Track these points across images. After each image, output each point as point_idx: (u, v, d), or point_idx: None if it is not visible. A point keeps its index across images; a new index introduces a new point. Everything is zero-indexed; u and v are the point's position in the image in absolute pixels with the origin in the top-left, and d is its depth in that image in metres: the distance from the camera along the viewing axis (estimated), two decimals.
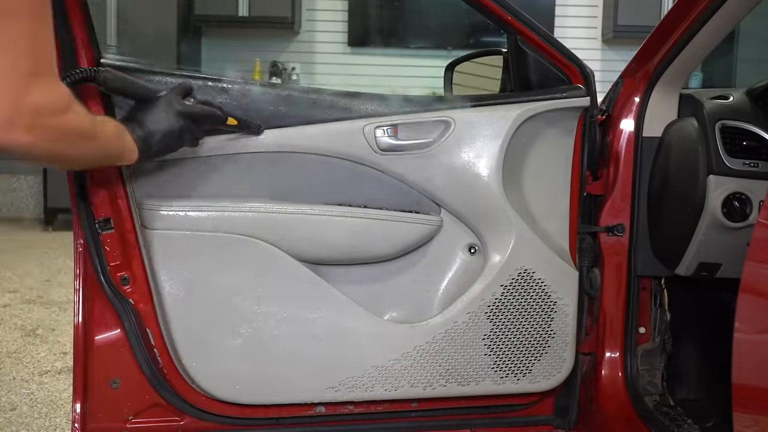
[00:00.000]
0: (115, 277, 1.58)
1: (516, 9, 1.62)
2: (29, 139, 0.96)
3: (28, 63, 0.93)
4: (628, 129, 1.75)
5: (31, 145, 0.97)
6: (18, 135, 0.95)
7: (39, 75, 0.95)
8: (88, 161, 1.23)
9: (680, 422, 1.67)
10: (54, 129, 1.01)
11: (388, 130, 1.59)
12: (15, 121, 0.94)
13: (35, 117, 0.96)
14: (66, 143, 1.06)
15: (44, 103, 0.97)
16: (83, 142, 1.12)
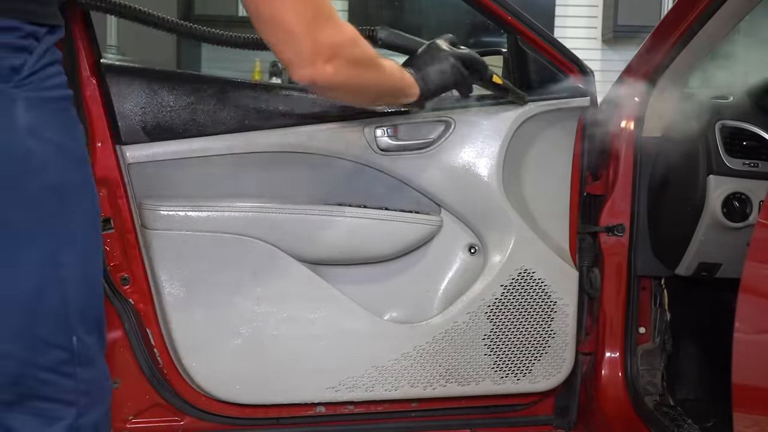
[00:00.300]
0: (115, 277, 1.58)
1: (516, 9, 1.62)
2: (331, 69, 1.11)
3: (313, 10, 1.08)
4: (628, 129, 1.75)
5: (333, 75, 1.12)
6: (321, 68, 1.11)
7: (325, 17, 1.10)
8: (380, 91, 1.33)
9: (680, 422, 1.67)
10: (349, 58, 1.15)
11: (388, 130, 1.59)
12: (317, 56, 1.10)
13: (333, 50, 1.11)
14: (361, 71, 1.20)
15: (337, 38, 1.12)
16: (374, 71, 1.25)
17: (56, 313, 0.98)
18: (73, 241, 1.00)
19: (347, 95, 1.28)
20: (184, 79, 1.58)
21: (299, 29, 1.08)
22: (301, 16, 1.07)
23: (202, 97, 1.55)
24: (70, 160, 0.98)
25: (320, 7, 1.10)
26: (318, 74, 1.11)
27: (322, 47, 1.10)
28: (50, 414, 1.00)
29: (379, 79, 1.28)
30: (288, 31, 1.08)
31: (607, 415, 1.78)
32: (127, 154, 1.54)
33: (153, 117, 1.54)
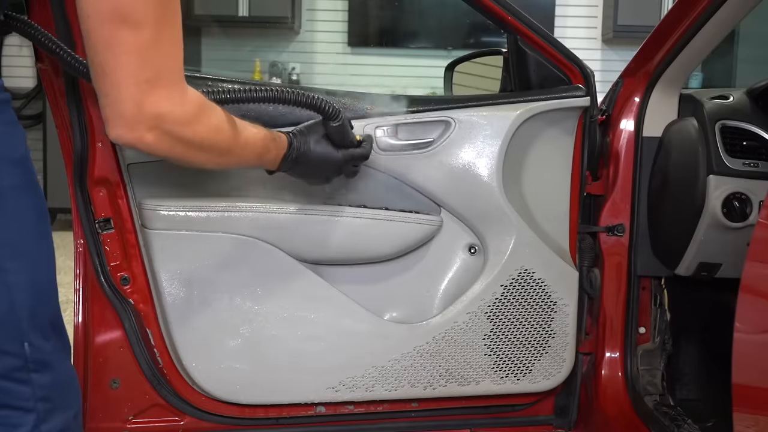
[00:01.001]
0: (115, 277, 1.58)
1: (516, 9, 1.62)
2: (150, 139, 1.00)
3: (149, 71, 0.96)
4: (628, 129, 1.75)
5: (152, 146, 1.01)
6: (140, 134, 0.99)
7: (161, 84, 0.98)
8: (221, 167, 1.25)
9: (680, 422, 1.67)
10: (177, 137, 1.04)
11: (388, 130, 1.59)
12: (137, 122, 0.98)
13: (157, 122, 0.99)
14: (189, 150, 1.08)
15: (166, 111, 1.00)
16: (211, 155, 1.13)
17: (3, 320, 0.97)
18: (13, 245, 0.99)
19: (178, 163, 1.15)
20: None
21: (128, 90, 0.96)
22: (134, 76, 0.96)
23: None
24: (4, 164, 0.97)
25: (163, 70, 0.98)
26: (135, 140, 1.00)
27: (147, 116, 0.98)
28: (7, 422, 0.99)
29: (215, 161, 1.16)
30: (113, 85, 0.96)
31: (607, 415, 1.79)
32: (127, 154, 1.54)
33: None
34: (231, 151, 1.17)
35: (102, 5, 0.93)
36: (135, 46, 0.95)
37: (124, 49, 0.94)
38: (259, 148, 1.26)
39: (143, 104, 0.97)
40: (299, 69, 6.30)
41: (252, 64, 6.16)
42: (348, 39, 6.26)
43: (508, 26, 1.64)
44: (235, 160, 1.21)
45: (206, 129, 1.09)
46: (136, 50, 0.95)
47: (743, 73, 5.80)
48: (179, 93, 1.01)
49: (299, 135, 1.38)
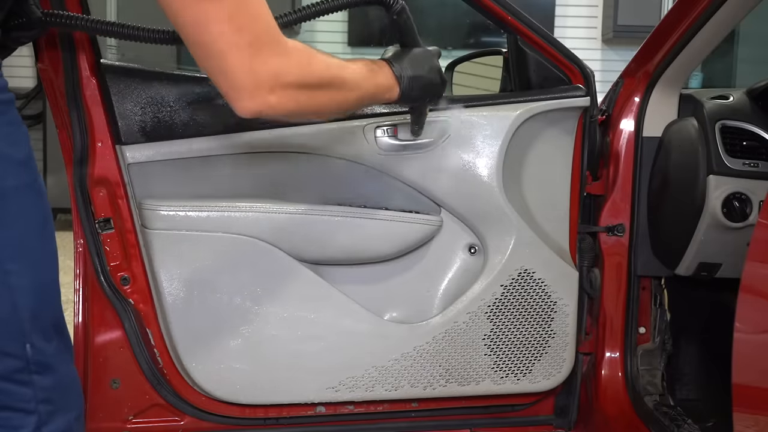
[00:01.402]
0: (115, 277, 1.58)
1: (516, 9, 1.62)
2: (275, 99, 1.00)
3: (247, 35, 0.96)
4: (628, 129, 1.75)
5: (279, 105, 1.01)
6: (263, 99, 0.99)
7: (263, 43, 0.98)
8: (343, 106, 1.20)
9: (680, 422, 1.67)
10: (297, 83, 1.03)
11: (388, 130, 1.59)
12: (257, 88, 0.98)
13: (275, 79, 0.99)
14: (313, 94, 1.07)
15: (278, 67, 0.99)
16: (331, 91, 1.12)
17: (5, 321, 0.97)
18: (17, 246, 0.98)
19: (303, 117, 1.16)
20: (184, 80, 1.58)
21: (233, 59, 0.96)
22: (236, 44, 0.95)
23: (202, 97, 1.55)
24: (8, 164, 0.96)
25: (259, 31, 0.98)
26: (261, 106, 1.00)
27: (263, 78, 0.98)
28: (8, 423, 0.99)
29: (340, 96, 1.15)
30: (220, 59, 0.96)
31: (607, 415, 1.78)
32: (127, 154, 1.54)
33: (153, 117, 1.54)
34: (346, 81, 1.15)
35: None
36: (223, 15, 0.94)
37: (214, 20, 0.94)
38: (367, 72, 1.22)
39: (255, 69, 0.97)
40: None
41: None
42: (348, 39, 6.26)
43: (508, 26, 1.64)
44: (355, 93, 1.18)
45: (318, 67, 1.08)
46: (225, 18, 0.94)
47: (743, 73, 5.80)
48: (282, 45, 1.01)
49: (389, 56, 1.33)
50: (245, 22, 0.96)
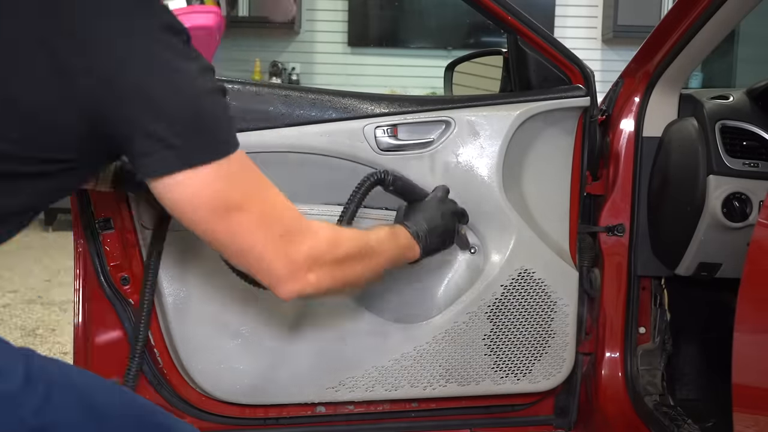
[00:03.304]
0: (115, 277, 1.58)
1: (516, 9, 1.62)
2: (314, 278, 1.09)
3: (277, 229, 1.05)
4: (628, 129, 1.75)
5: (319, 283, 1.10)
6: (304, 281, 1.08)
7: (293, 233, 1.07)
8: (375, 272, 1.27)
9: (680, 422, 1.67)
10: (332, 261, 1.12)
11: (388, 130, 1.59)
12: (296, 272, 1.07)
13: (311, 260, 1.08)
14: (347, 267, 1.16)
15: (313, 248, 1.09)
16: (363, 261, 1.21)
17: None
18: None
19: (340, 293, 1.24)
20: None
21: (270, 254, 1.04)
22: (267, 240, 1.04)
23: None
24: None
25: (287, 222, 1.06)
26: (303, 287, 1.08)
27: (300, 262, 1.07)
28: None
29: (371, 264, 1.23)
30: (259, 258, 1.05)
31: (607, 415, 1.79)
32: None
33: None
34: (373, 250, 1.23)
35: (202, 211, 1.00)
36: (254, 222, 1.03)
37: (247, 230, 1.03)
38: (389, 236, 1.31)
39: (291, 257, 1.06)
40: (299, 69, 6.30)
41: (252, 64, 6.17)
42: (348, 39, 6.26)
43: (508, 26, 1.64)
44: (383, 257, 1.27)
45: (346, 242, 1.17)
46: (256, 225, 1.03)
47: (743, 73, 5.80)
48: (310, 229, 1.10)
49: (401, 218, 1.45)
50: (274, 220, 1.05)
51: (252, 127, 1.56)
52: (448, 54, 5.88)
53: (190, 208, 0.99)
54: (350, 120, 1.58)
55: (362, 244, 1.21)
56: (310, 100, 1.59)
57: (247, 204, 1.02)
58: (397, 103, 1.63)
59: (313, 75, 6.31)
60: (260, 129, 1.56)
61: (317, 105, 1.59)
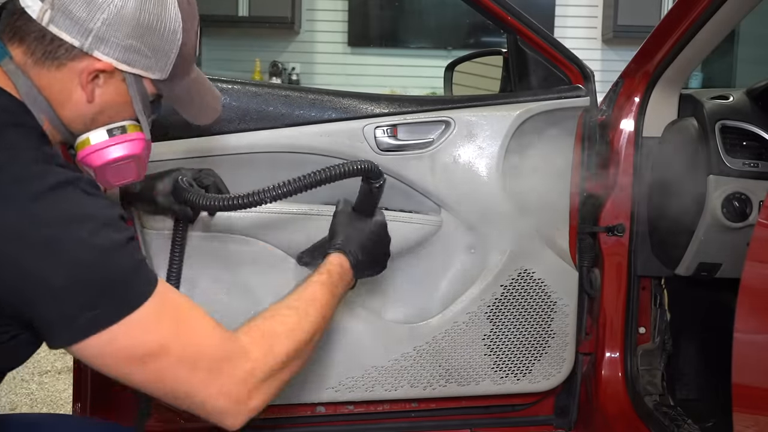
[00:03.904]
0: None
1: (516, 9, 1.62)
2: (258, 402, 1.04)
3: (204, 363, 1.00)
4: (628, 129, 1.75)
5: (268, 395, 1.05)
6: (246, 409, 1.03)
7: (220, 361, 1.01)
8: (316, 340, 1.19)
9: (680, 422, 1.67)
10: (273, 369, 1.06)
11: (387, 130, 1.59)
12: (236, 404, 1.02)
13: (247, 387, 1.02)
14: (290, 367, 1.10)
15: (244, 372, 1.02)
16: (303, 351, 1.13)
17: None
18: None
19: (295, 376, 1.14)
20: None
21: (202, 392, 0.99)
22: (194, 378, 0.99)
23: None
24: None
25: (209, 354, 1.00)
26: (248, 414, 1.03)
27: (236, 392, 1.01)
28: None
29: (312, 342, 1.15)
30: (191, 396, 1.00)
31: (607, 415, 1.78)
32: None
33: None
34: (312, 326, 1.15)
35: (121, 363, 0.95)
36: (175, 364, 0.98)
37: (171, 373, 0.98)
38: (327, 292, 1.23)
39: (225, 390, 1.00)
40: (299, 69, 6.30)
41: (252, 64, 6.16)
42: (348, 39, 6.25)
43: (508, 26, 1.64)
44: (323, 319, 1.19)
45: (281, 344, 1.09)
46: (177, 366, 0.98)
47: (743, 73, 5.79)
48: (240, 351, 1.03)
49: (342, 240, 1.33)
50: (197, 357, 0.99)
51: (252, 128, 1.56)
52: (448, 54, 5.88)
53: (110, 362, 0.95)
54: (350, 120, 1.58)
55: (299, 332, 1.13)
56: (309, 101, 1.59)
57: (166, 347, 0.97)
58: (396, 103, 1.63)
59: (313, 75, 6.30)
60: (260, 129, 1.56)
61: (317, 105, 1.59)
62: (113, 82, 1.04)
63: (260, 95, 1.58)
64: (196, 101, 1.17)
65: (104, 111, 1.06)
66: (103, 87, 1.04)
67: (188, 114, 1.17)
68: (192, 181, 1.37)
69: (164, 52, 1.05)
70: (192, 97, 1.16)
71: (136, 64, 1.03)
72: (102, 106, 1.05)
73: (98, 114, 1.05)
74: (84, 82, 1.01)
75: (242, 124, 1.55)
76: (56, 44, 0.99)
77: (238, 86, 1.57)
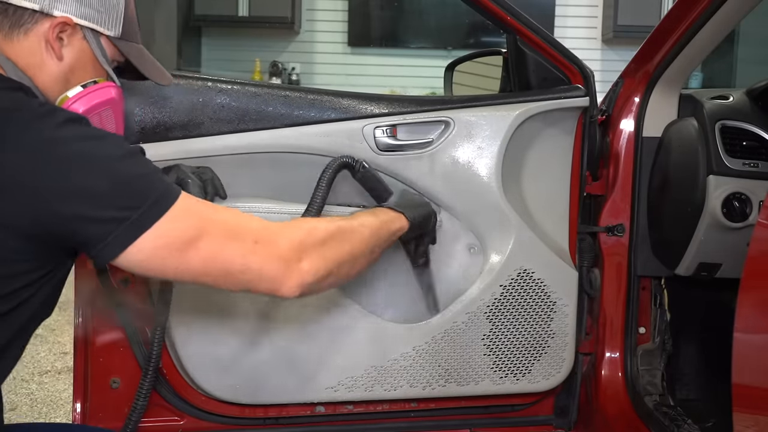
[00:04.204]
0: (115, 278, 1.58)
1: (516, 9, 1.62)
2: (307, 265, 1.11)
3: (249, 238, 1.07)
4: (628, 129, 1.75)
5: (313, 269, 1.11)
6: (299, 272, 1.10)
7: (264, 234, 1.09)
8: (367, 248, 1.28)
9: (680, 422, 1.67)
10: (320, 244, 1.14)
11: (387, 130, 1.59)
12: (288, 268, 1.09)
13: (297, 251, 1.10)
14: (335, 247, 1.18)
15: (290, 240, 1.10)
16: (348, 239, 1.22)
17: None
18: None
19: (341, 277, 1.22)
20: (185, 80, 1.58)
21: (253, 262, 1.07)
22: (244, 251, 1.06)
23: (202, 97, 1.55)
24: None
25: (252, 229, 1.09)
26: (302, 278, 1.10)
27: (286, 257, 1.09)
28: None
29: (357, 240, 1.25)
30: (245, 270, 1.07)
31: (607, 415, 1.78)
32: None
33: (153, 117, 1.54)
34: (352, 225, 1.25)
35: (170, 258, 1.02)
36: (221, 242, 1.05)
37: (219, 250, 1.05)
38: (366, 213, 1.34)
39: (275, 255, 1.08)
40: (299, 69, 6.30)
41: (252, 64, 6.16)
42: (348, 39, 6.26)
43: (508, 26, 1.64)
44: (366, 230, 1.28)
45: (321, 224, 1.20)
46: (224, 242, 1.05)
47: (743, 73, 5.79)
48: (282, 227, 1.13)
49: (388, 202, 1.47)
50: (241, 231, 1.08)
51: (251, 128, 1.56)
52: (448, 54, 5.88)
53: (159, 262, 1.02)
54: (349, 120, 1.58)
55: (339, 224, 1.23)
56: (309, 101, 1.59)
57: (207, 229, 1.04)
58: (396, 103, 1.63)
59: (313, 75, 6.30)
60: (260, 129, 1.56)
61: (316, 105, 1.59)
62: (76, 41, 1.14)
63: (260, 95, 1.58)
64: (150, 64, 1.26)
65: (74, 70, 1.14)
66: (68, 46, 1.13)
67: (149, 73, 1.26)
68: (192, 176, 1.43)
69: (113, 8, 1.16)
70: (147, 61, 1.26)
71: (92, 18, 1.13)
72: (71, 64, 1.14)
73: (69, 73, 1.14)
74: (51, 40, 1.10)
75: (242, 124, 1.55)
76: (19, 13, 1.09)
77: (238, 86, 1.57)
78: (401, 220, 1.40)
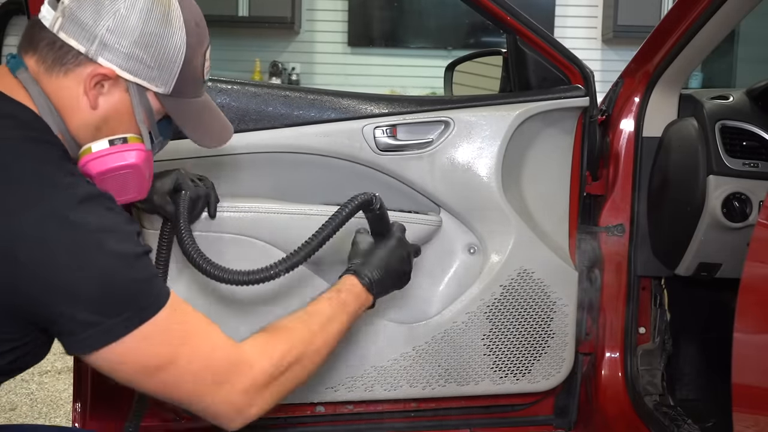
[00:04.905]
0: None
1: (515, 9, 1.62)
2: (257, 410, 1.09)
3: (209, 375, 1.05)
4: (628, 129, 1.75)
5: (263, 409, 1.10)
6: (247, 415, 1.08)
7: (224, 372, 1.06)
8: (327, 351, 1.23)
9: (680, 422, 1.67)
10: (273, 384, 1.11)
11: (387, 130, 1.59)
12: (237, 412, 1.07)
13: (249, 395, 1.07)
14: (291, 378, 1.14)
15: (246, 382, 1.07)
16: (304, 359, 1.17)
17: None
18: None
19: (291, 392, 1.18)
20: None
21: (206, 400, 1.05)
22: (200, 389, 1.04)
23: None
24: None
25: (214, 367, 1.05)
26: (244, 421, 1.08)
27: (238, 400, 1.06)
28: None
29: (315, 357, 1.19)
30: (197, 401, 1.06)
31: (607, 415, 1.78)
32: None
33: None
34: (314, 339, 1.18)
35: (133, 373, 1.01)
36: (182, 376, 1.03)
37: (179, 383, 1.03)
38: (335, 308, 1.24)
39: (227, 399, 1.06)
40: (299, 69, 6.30)
41: (252, 64, 6.16)
42: (348, 39, 6.25)
43: (508, 26, 1.64)
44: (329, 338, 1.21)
45: (280, 349, 1.13)
46: (184, 378, 1.03)
47: (743, 73, 5.79)
48: (243, 364, 1.08)
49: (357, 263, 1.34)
50: (203, 370, 1.04)
51: (251, 128, 1.56)
52: (448, 54, 5.88)
53: (122, 370, 1.00)
54: (349, 120, 1.58)
55: (299, 341, 1.16)
56: (309, 101, 1.59)
57: (174, 359, 1.02)
58: (396, 103, 1.63)
59: (313, 75, 6.30)
60: (260, 129, 1.56)
61: (316, 105, 1.59)
62: (117, 92, 1.06)
63: (260, 95, 1.58)
64: (203, 125, 1.18)
65: (108, 121, 1.07)
66: (107, 95, 1.06)
67: (193, 135, 1.18)
68: (189, 184, 1.41)
69: (167, 65, 1.07)
70: (199, 120, 1.17)
71: (139, 74, 1.05)
72: (106, 114, 1.07)
73: (102, 123, 1.07)
74: (88, 87, 1.04)
75: (242, 124, 1.55)
76: (65, 50, 1.03)
77: (238, 86, 1.57)
78: (367, 301, 1.30)
